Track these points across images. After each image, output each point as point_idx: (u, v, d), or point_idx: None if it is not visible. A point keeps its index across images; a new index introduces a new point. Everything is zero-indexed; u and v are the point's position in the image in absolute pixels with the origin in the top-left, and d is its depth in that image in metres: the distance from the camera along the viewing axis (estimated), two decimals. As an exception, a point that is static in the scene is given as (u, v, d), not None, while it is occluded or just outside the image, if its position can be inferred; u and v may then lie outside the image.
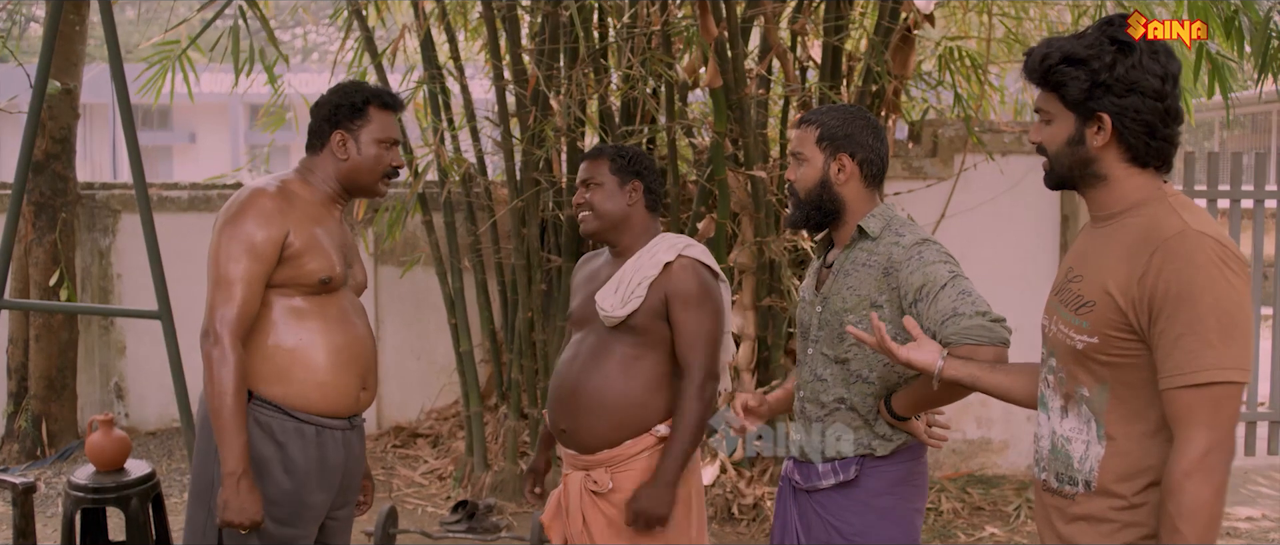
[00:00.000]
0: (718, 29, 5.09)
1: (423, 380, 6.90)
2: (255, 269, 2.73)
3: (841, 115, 2.77)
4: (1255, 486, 6.08)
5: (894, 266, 2.65)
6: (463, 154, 6.14)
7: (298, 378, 2.80)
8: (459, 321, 6.09)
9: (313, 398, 2.82)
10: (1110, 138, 2.05)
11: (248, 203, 2.78)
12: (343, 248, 2.92)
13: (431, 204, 6.25)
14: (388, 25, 6.85)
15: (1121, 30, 2.05)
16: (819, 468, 2.78)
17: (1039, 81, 2.11)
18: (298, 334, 2.81)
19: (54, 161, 6.57)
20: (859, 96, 5.74)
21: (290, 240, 2.77)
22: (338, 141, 2.90)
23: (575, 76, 5.42)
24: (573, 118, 5.49)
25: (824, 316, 2.77)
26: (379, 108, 2.93)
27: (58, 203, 6.57)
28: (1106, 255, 2.05)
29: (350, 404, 2.90)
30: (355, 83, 2.98)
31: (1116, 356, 2.01)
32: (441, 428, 6.73)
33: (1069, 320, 2.08)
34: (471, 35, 6.61)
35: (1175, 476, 1.91)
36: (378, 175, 2.93)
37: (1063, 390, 2.13)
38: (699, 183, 5.67)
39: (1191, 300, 1.90)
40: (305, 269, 2.79)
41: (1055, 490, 2.14)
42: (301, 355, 2.81)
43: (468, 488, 5.91)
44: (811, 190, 2.76)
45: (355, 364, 2.89)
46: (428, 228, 6.22)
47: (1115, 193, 2.09)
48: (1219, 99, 5.09)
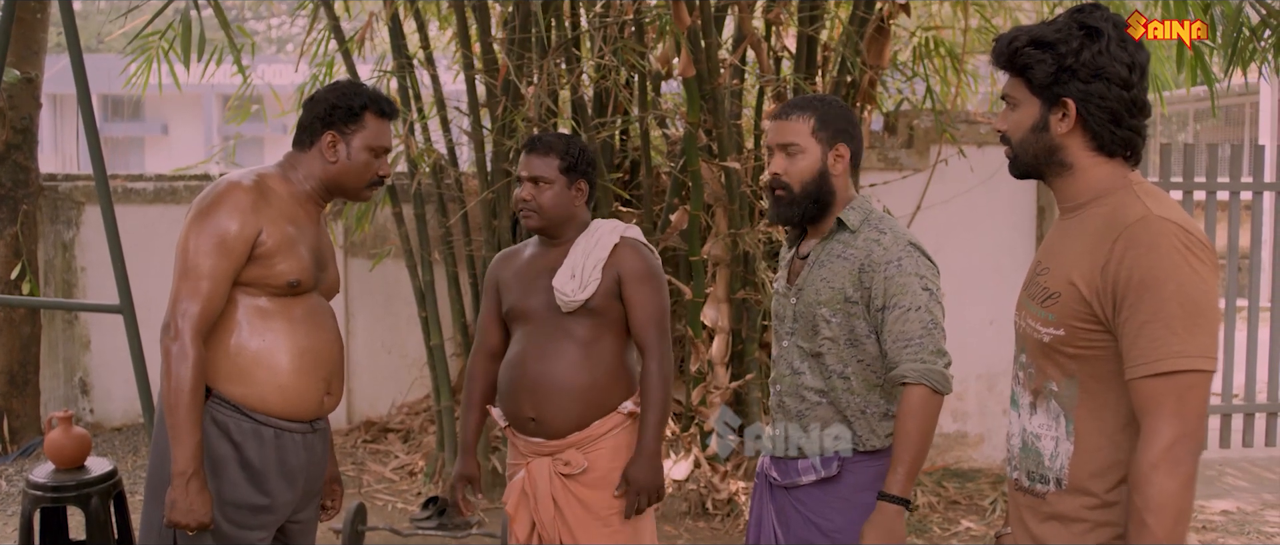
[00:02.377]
0: (691, 17, 5.02)
1: (393, 374, 6.81)
2: (223, 265, 2.65)
3: (830, 103, 2.74)
4: (1230, 480, 6.06)
5: (872, 266, 2.63)
6: (433, 145, 6.06)
7: (259, 379, 2.73)
8: (430, 315, 6.00)
9: (272, 400, 2.75)
10: (1075, 124, 2.02)
11: (222, 196, 2.70)
12: (317, 249, 2.85)
13: (401, 196, 6.17)
14: (355, 15, 6.76)
15: (1092, 16, 2.02)
16: (799, 464, 2.74)
17: (1006, 65, 2.08)
18: (262, 335, 2.74)
19: (15, 152, 6.44)
20: (834, 87, 5.68)
21: (263, 238, 2.70)
22: (328, 142, 2.83)
23: (546, 66, 5.34)
24: (544, 108, 5.41)
25: (798, 309, 2.74)
26: (376, 115, 2.86)
27: (19, 194, 6.45)
28: (1071, 246, 2.02)
29: (312, 408, 2.83)
30: (354, 84, 2.90)
31: (1083, 349, 1.98)
32: (412, 422, 6.65)
33: (1036, 314, 2.05)
34: (443, 23, 6.52)
35: (1142, 468, 1.86)
36: (364, 182, 2.88)
37: (1031, 386, 2.10)
38: (672, 174, 5.60)
39: (1155, 287, 1.86)
40: (275, 269, 2.72)
41: (1027, 489, 2.10)
42: (264, 357, 2.74)
43: (438, 483, 5.84)
44: (810, 182, 2.70)
45: (319, 368, 2.82)
46: (398, 220, 6.13)
47: (1081, 182, 2.06)
48: (1191, 91, 5.06)
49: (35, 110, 6.55)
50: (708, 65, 5.18)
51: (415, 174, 5.97)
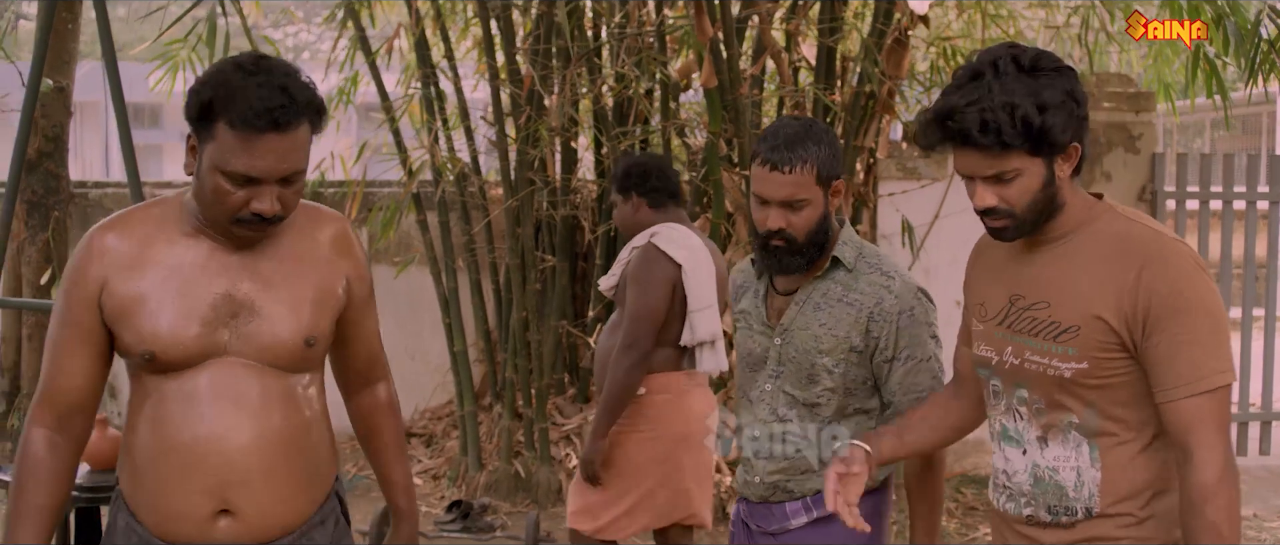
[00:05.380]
0: (713, 29, 5.10)
1: (417, 380, 6.88)
2: (65, 335, 2.09)
3: (823, 139, 2.47)
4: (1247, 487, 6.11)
5: (884, 315, 2.46)
6: (456, 153, 6.15)
7: (139, 482, 2.11)
8: (453, 321, 6.09)
9: (145, 511, 2.10)
10: (1076, 163, 1.98)
11: (81, 242, 2.13)
12: (220, 299, 2.06)
13: (426, 203, 6.25)
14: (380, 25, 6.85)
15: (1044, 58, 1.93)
16: (786, 508, 2.55)
17: (1018, 144, 1.91)
18: (140, 422, 2.11)
19: (47, 160, 6.56)
20: (854, 97, 5.76)
21: (104, 298, 2.06)
22: (189, 146, 2.04)
23: (569, 77, 5.42)
24: (567, 118, 5.49)
25: (785, 351, 2.52)
26: (230, 126, 1.94)
27: (51, 201, 6.57)
28: (1078, 278, 1.98)
29: (190, 532, 2.07)
30: (221, 69, 2.02)
31: (1106, 378, 1.97)
32: (435, 427, 6.73)
33: (1049, 350, 1.99)
34: (463, 33, 6.61)
35: (1205, 487, 1.88)
36: (222, 215, 2.01)
37: (1041, 421, 2.04)
38: (693, 182, 5.68)
39: (1187, 309, 1.89)
40: (122, 341, 2.08)
41: (1048, 523, 2.06)
42: (138, 451, 2.10)
43: (462, 487, 5.92)
44: (814, 231, 2.46)
45: (198, 476, 2.05)
46: (422, 227, 6.22)
47: (1068, 216, 2.01)
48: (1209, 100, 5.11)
49: (66, 119, 6.68)
50: (729, 76, 5.25)
51: (439, 182, 6.06)
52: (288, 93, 1.96)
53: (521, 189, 5.66)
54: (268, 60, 2.02)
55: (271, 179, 1.98)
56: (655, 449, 3.56)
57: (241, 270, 2.09)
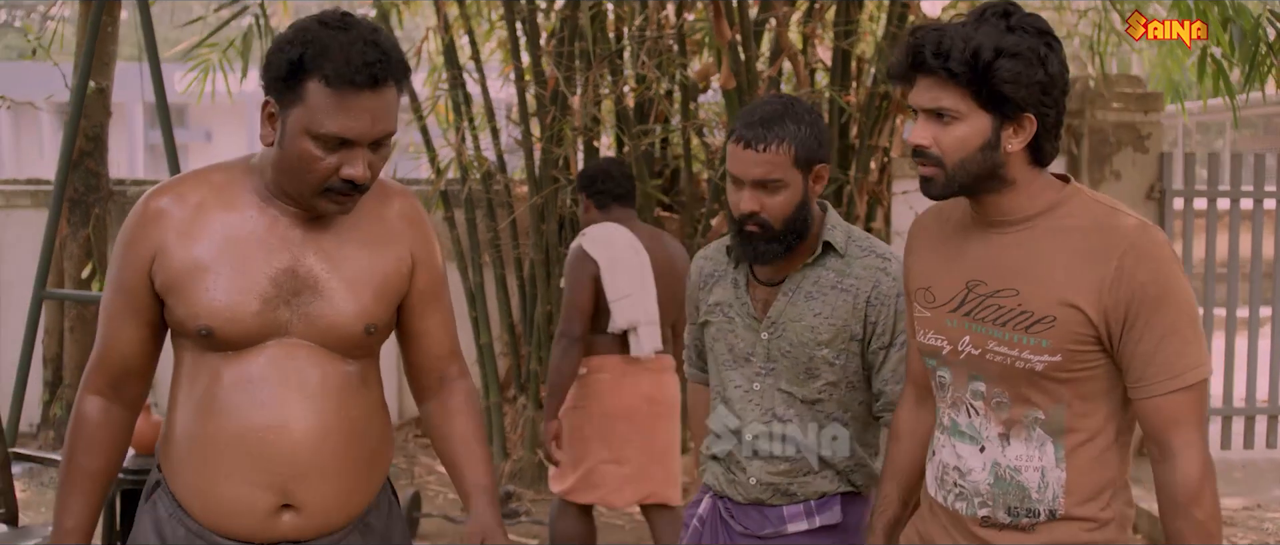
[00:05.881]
0: (731, 32, 5.27)
1: (443, 372, 7.06)
2: (117, 302, 1.96)
3: (804, 120, 2.32)
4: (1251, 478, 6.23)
5: (882, 299, 2.33)
6: (482, 152, 6.32)
7: (188, 471, 1.95)
8: (479, 315, 6.27)
9: (197, 505, 1.94)
10: (1028, 140, 1.84)
11: (135, 206, 1.99)
12: (280, 276, 1.93)
13: (453, 201, 6.44)
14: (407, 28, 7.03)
15: (1033, 18, 1.83)
16: (784, 511, 2.38)
17: (963, 78, 1.81)
18: (192, 406, 1.95)
19: (87, 158, 6.78)
20: (868, 98, 5.92)
21: (157, 267, 1.91)
22: (266, 114, 1.89)
23: (592, 78, 5.60)
24: (590, 117, 5.67)
25: (777, 346, 2.36)
26: (324, 83, 1.80)
27: (91, 198, 6.79)
28: (1050, 265, 1.86)
29: (252, 527, 1.94)
30: (305, 26, 1.84)
31: (1078, 371, 1.86)
32: (461, 418, 6.91)
33: (1018, 341, 1.86)
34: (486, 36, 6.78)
35: (1191, 486, 1.83)
36: (309, 186, 1.87)
37: (1003, 416, 1.92)
38: (711, 181, 5.85)
39: (1167, 301, 1.81)
40: (175, 314, 1.92)
41: (1008, 525, 1.93)
42: (189, 439, 1.94)
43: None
44: (792, 216, 2.31)
45: (262, 468, 1.92)
46: (450, 224, 6.40)
47: (1022, 196, 1.89)
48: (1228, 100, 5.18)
49: (106, 119, 6.89)
50: (747, 77, 5.42)
51: (466, 180, 6.24)
52: (381, 48, 1.82)
53: (546, 186, 5.84)
54: (352, 16, 1.87)
55: (366, 141, 1.85)
56: (600, 424, 4.00)
57: (305, 245, 1.95)
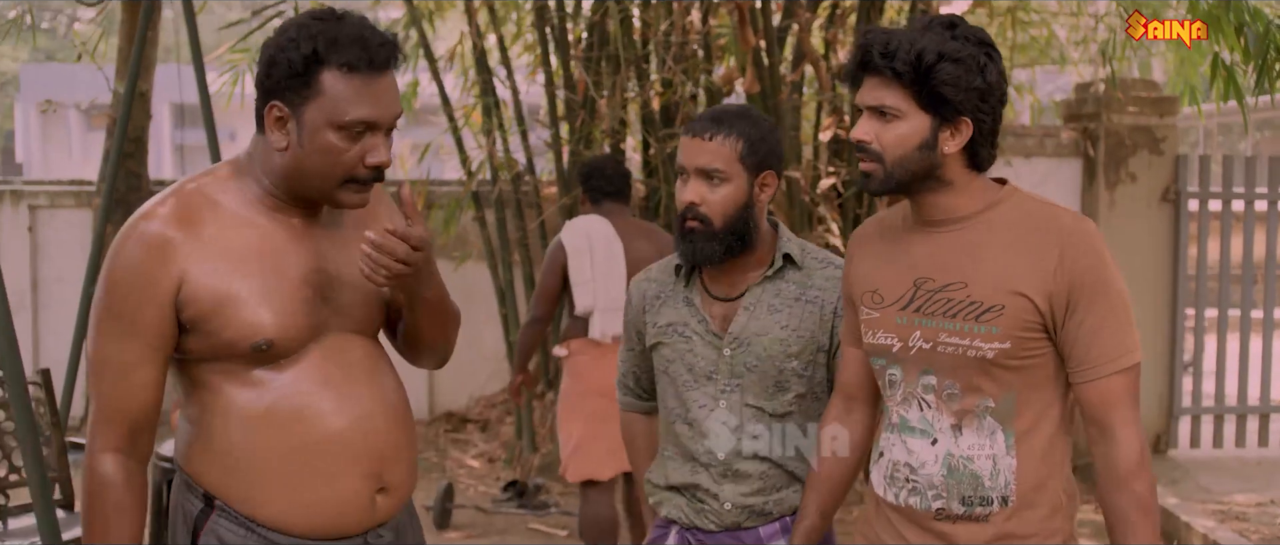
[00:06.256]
0: (755, 38, 5.42)
1: (473, 369, 7.22)
2: (130, 349, 1.86)
3: (760, 123, 2.33)
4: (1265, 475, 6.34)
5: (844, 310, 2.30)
6: (512, 154, 6.49)
7: (279, 486, 1.93)
8: (509, 312, 6.44)
9: (297, 515, 1.94)
10: (964, 143, 1.95)
11: (120, 242, 1.87)
12: (313, 276, 1.94)
13: (484, 201, 6.60)
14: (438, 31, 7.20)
15: (973, 31, 1.94)
16: (761, 531, 2.35)
17: (906, 77, 1.91)
18: (245, 425, 1.91)
19: (128, 159, 6.98)
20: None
21: (185, 293, 1.86)
22: (273, 119, 1.89)
23: (619, 82, 5.75)
24: (617, 120, 5.82)
25: (742, 360, 2.32)
26: (340, 70, 1.83)
27: (133, 198, 6.99)
28: (996, 257, 1.95)
29: (360, 517, 1.99)
30: (305, 21, 1.87)
31: (1025, 358, 1.94)
32: (490, 413, 7.09)
33: (969, 331, 1.94)
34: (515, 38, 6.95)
35: (1127, 466, 1.91)
36: (335, 179, 1.88)
37: (955, 407, 1.98)
38: (736, 183, 5.98)
39: (1106, 288, 1.92)
40: (221, 337, 1.87)
41: (962, 516, 1.99)
42: (271, 455, 1.92)
43: (517, 469, 6.26)
44: (733, 216, 2.28)
45: (359, 457, 1.96)
46: (480, 224, 6.57)
47: (961, 197, 1.99)
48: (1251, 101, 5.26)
49: (146, 121, 7.10)
50: (771, 82, 5.57)
51: (497, 182, 6.41)
52: (381, 32, 1.87)
53: (574, 187, 6.00)
54: (337, 9, 1.91)
55: (386, 124, 1.88)
56: (580, 403, 4.37)
57: (319, 241, 1.97)
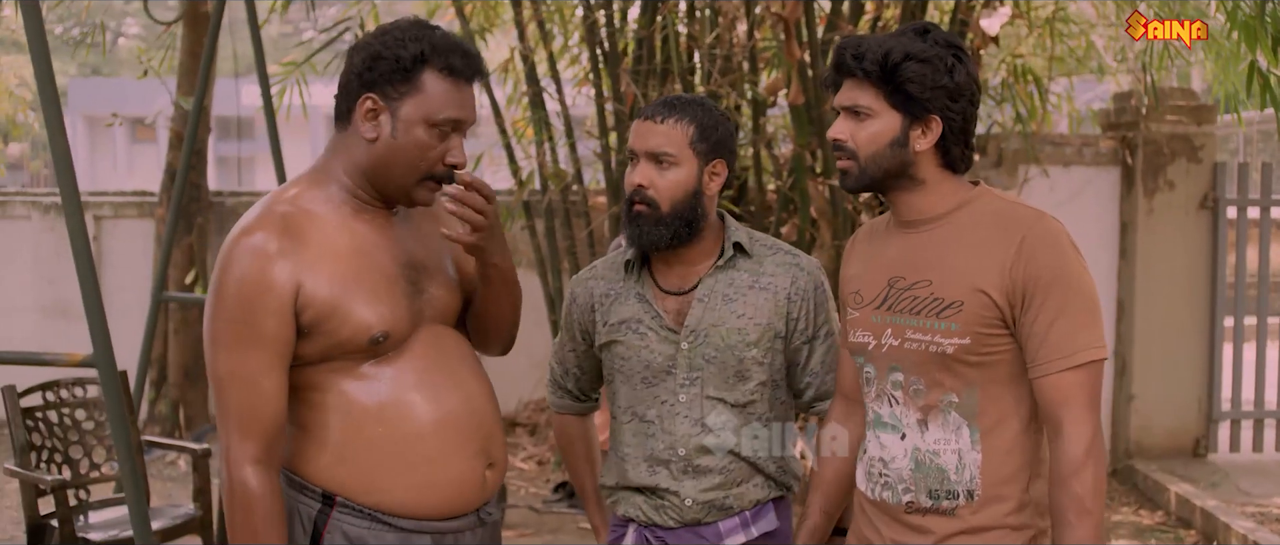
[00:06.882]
0: (800, 51, 5.57)
1: (521, 374, 7.36)
2: (258, 359, 1.94)
3: (712, 111, 2.34)
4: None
5: (800, 294, 2.35)
6: (561, 165, 6.66)
7: (399, 474, 2.02)
8: (557, 319, 6.59)
9: (419, 499, 2.03)
10: (935, 141, 2.00)
11: (229, 256, 1.95)
12: (408, 266, 2.06)
13: (533, 210, 6.78)
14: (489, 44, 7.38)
15: (946, 35, 2.01)
16: (720, 526, 2.34)
17: (877, 78, 1.99)
18: (356, 419, 2.02)
19: (190, 171, 7.20)
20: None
21: (303, 302, 1.94)
22: (366, 110, 1.98)
23: (666, 93, 5.91)
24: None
25: (700, 353, 2.31)
26: (440, 72, 1.97)
27: (193, 209, 7.23)
28: (957, 254, 2.00)
29: (476, 493, 2.10)
30: (410, 26, 2.00)
31: (986, 354, 1.97)
32: (539, 418, 7.25)
33: (931, 327, 1.99)
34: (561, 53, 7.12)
35: (1070, 463, 1.91)
36: (418, 174, 2.00)
37: (920, 403, 2.03)
38: (779, 191, 6.14)
39: (1061, 284, 1.93)
40: (340, 336, 1.97)
41: (930, 508, 2.02)
42: (388, 443, 2.01)
43: (566, 471, 6.40)
44: (681, 202, 2.28)
45: (471, 435, 2.08)
46: (530, 232, 6.74)
47: (933, 196, 2.04)
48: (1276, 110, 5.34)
49: (206, 134, 7.33)
50: (815, 93, 5.72)
51: (547, 192, 6.58)
52: (472, 46, 2.06)
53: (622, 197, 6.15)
54: None
55: (468, 125, 2.04)
56: None
57: (404, 237, 2.09)
